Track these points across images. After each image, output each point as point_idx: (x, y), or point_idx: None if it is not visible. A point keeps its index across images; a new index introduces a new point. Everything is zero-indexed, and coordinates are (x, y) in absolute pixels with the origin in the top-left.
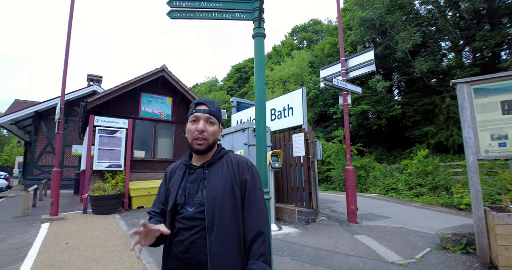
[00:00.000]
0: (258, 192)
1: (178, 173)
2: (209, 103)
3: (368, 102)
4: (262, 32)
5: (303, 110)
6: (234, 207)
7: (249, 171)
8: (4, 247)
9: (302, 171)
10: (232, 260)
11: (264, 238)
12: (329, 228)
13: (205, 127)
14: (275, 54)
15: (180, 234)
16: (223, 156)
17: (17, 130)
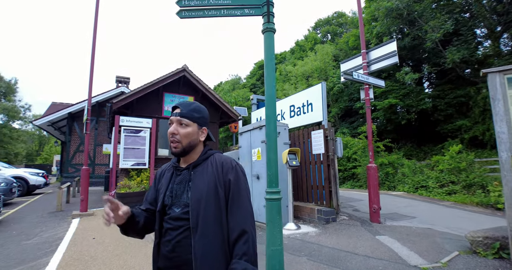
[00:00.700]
0: (242, 192)
1: (167, 175)
2: (183, 106)
3: (396, 96)
4: (271, 27)
5: (322, 106)
6: (217, 207)
7: (233, 171)
8: (38, 240)
9: (322, 169)
10: (216, 259)
11: (247, 237)
12: (349, 228)
13: (176, 130)
14: (298, 49)
15: (168, 234)
16: (208, 157)
17: (53, 131)
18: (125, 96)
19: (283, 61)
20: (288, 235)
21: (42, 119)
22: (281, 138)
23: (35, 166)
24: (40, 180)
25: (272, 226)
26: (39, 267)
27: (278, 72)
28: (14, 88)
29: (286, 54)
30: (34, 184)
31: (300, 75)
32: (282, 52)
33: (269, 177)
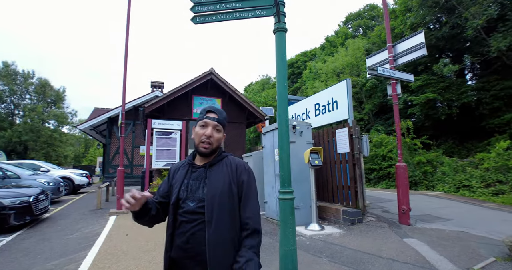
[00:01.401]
0: (253, 192)
1: (182, 171)
2: (218, 112)
3: (433, 90)
4: (282, 27)
5: (348, 104)
6: (231, 204)
7: (246, 173)
8: (78, 235)
9: (347, 169)
10: (227, 250)
11: (258, 236)
12: (376, 230)
13: (212, 134)
14: (328, 46)
15: (182, 226)
16: (223, 158)
17: (95, 134)
18: (156, 101)
19: (313, 59)
20: (311, 235)
21: (85, 124)
22: (303, 137)
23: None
24: (84, 180)
25: (285, 226)
26: (78, 259)
27: (308, 69)
28: (63, 96)
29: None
30: (79, 184)
31: (330, 72)
32: (312, 49)
33: (282, 177)
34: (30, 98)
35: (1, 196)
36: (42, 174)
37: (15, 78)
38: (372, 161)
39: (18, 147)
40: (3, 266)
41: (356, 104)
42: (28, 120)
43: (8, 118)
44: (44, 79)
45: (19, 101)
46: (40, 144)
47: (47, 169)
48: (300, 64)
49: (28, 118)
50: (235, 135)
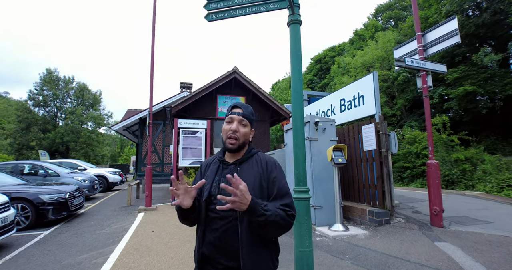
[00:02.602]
0: (285, 187)
1: (212, 167)
2: (244, 107)
3: (473, 82)
4: (297, 19)
5: (375, 98)
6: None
7: (276, 169)
8: (108, 230)
9: (374, 167)
10: (260, 248)
11: (290, 217)
12: (404, 232)
13: (237, 128)
14: (357, 39)
15: (214, 222)
16: (253, 155)
17: (128, 134)
18: (182, 101)
19: (342, 53)
20: (334, 236)
21: (118, 125)
22: (327, 134)
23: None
24: (117, 178)
25: (300, 226)
26: (106, 253)
27: (337, 65)
28: (99, 98)
29: (345, 46)
30: (113, 182)
31: (360, 67)
32: (340, 43)
33: (296, 176)
34: (70, 102)
35: (41, 192)
36: (79, 172)
37: (57, 84)
38: (405, 159)
39: (60, 147)
40: (40, 257)
41: (388, 100)
42: (69, 122)
43: (52, 121)
44: (82, 83)
45: (61, 105)
46: (79, 144)
47: (84, 167)
48: (328, 59)
49: (69, 120)
50: (259, 133)
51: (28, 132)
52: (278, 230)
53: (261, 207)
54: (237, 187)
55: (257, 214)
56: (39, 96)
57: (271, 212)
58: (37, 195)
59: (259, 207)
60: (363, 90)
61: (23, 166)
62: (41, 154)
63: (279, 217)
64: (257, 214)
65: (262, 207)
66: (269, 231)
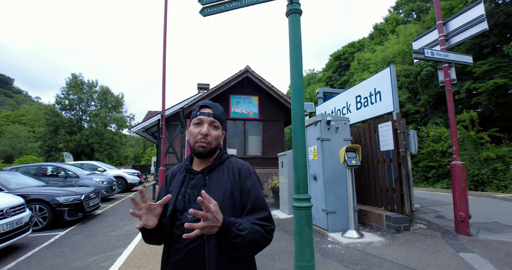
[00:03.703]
0: (261, 198)
1: (179, 177)
2: (214, 107)
3: (504, 75)
4: (296, 8)
5: (392, 94)
6: (234, 214)
7: (251, 177)
8: (120, 232)
9: (392, 168)
10: (232, 269)
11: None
12: (425, 240)
13: (209, 131)
14: (377, 34)
15: (179, 241)
16: (224, 161)
17: (148, 136)
18: (195, 101)
19: (362, 49)
20: (347, 244)
21: (137, 127)
22: (340, 134)
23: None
24: (135, 179)
25: (300, 238)
26: (114, 257)
27: (356, 61)
28: (121, 101)
29: (365, 41)
30: (131, 182)
31: (380, 62)
32: (360, 39)
33: (296, 181)
34: (94, 105)
35: (57, 194)
36: (98, 174)
37: (82, 88)
38: (430, 158)
39: (86, 148)
40: (51, 259)
41: (411, 96)
42: (93, 124)
43: (78, 123)
44: (105, 87)
45: (86, 108)
46: (103, 146)
47: (103, 169)
48: (348, 56)
49: (93, 123)
50: (273, 133)
51: (56, 135)
52: (256, 248)
53: (235, 227)
54: (208, 209)
55: (231, 236)
56: (66, 100)
57: (247, 231)
58: (53, 196)
59: (233, 227)
60: (380, 86)
61: (45, 168)
62: (65, 155)
63: (257, 235)
64: (230, 236)
65: (237, 227)
66: (245, 252)
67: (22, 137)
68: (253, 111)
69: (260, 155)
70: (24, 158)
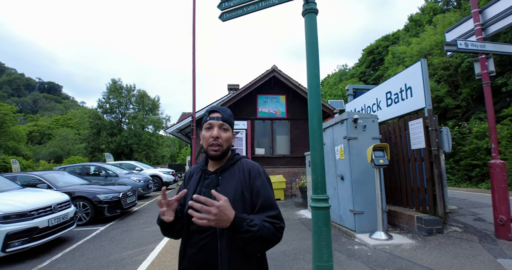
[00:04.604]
0: (271, 197)
1: (195, 177)
2: (222, 111)
3: None
4: (312, 8)
5: (424, 90)
6: (244, 213)
7: (260, 177)
8: (154, 228)
9: (424, 167)
10: (241, 263)
11: (277, 232)
12: (460, 244)
13: (219, 134)
14: (412, 26)
15: (194, 236)
16: (236, 162)
17: (182, 136)
18: (224, 102)
19: (396, 42)
20: (374, 245)
21: (172, 128)
22: (368, 132)
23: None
24: (170, 178)
25: (318, 238)
26: (147, 251)
27: (391, 54)
28: (158, 104)
29: (400, 33)
30: (166, 181)
31: (416, 55)
32: (394, 32)
33: (314, 182)
34: (132, 108)
35: (98, 192)
36: (135, 173)
37: (121, 92)
38: (473, 155)
39: (125, 149)
40: (92, 251)
41: (451, 89)
42: (132, 126)
43: (118, 126)
44: (142, 91)
45: (125, 111)
46: (141, 146)
47: (140, 168)
48: (381, 50)
49: (131, 125)
50: (301, 132)
51: (99, 137)
52: (266, 245)
53: (246, 223)
54: (212, 204)
55: (241, 230)
56: (106, 104)
57: (258, 227)
58: (95, 194)
59: (244, 223)
60: (411, 81)
61: (88, 168)
62: (106, 156)
63: (267, 231)
64: (241, 231)
65: (248, 223)
66: (255, 247)
67: (69, 139)
68: (281, 110)
69: (288, 154)
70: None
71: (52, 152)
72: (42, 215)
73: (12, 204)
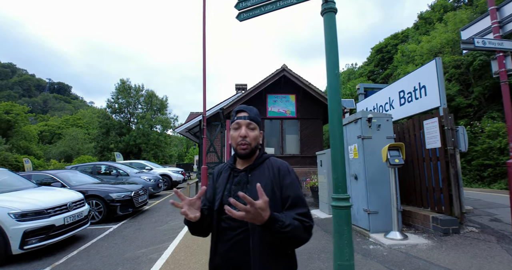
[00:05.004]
0: (301, 195)
1: (224, 175)
2: (249, 110)
3: None
4: (331, 7)
5: (439, 88)
6: (274, 211)
7: (289, 176)
8: (166, 227)
9: (439, 167)
10: (273, 260)
11: (307, 230)
12: (477, 244)
13: (247, 133)
14: (422, 23)
15: (226, 233)
16: (264, 160)
17: (191, 135)
18: (233, 102)
19: (406, 40)
20: (390, 245)
21: (181, 127)
22: (382, 131)
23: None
24: (179, 177)
25: (339, 237)
26: (161, 250)
27: (400, 53)
28: (166, 104)
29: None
30: (176, 180)
31: (426, 53)
32: (403, 30)
33: (335, 181)
34: (141, 108)
35: (111, 191)
36: (146, 172)
37: (129, 92)
38: (486, 155)
39: (134, 149)
40: (107, 249)
41: (462, 88)
42: (140, 126)
43: (126, 125)
44: (150, 91)
45: (133, 111)
46: (150, 146)
47: (150, 167)
48: (390, 48)
49: (140, 124)
50: (311, 131)
51: (108, 136)
52: (296, 244)
53: (279, 225)
54: (252, 204)
55: (273, 231)
56: (115, 104)
57: (289, 228)
58: (107, 192)
59: (276, 225)
60: (425, 80)
61: (100, 167)
62: (116, 155)
63: (298, 230)
64: (273, 231)
65: (280, 225)
66: (286, 246)
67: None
68: (290, 110)
69: (298, 153)
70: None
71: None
72: (58, 213)
73: (29, 202)
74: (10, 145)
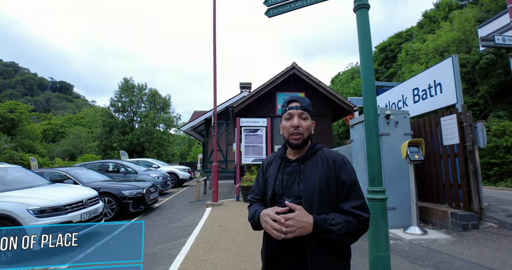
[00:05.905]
0: (358, 186)
1: (274, 165)
2: (301, 100)
3: None
4: (364, 3)
5: (455, 86)
6: (330, 201)
7: (345, 168)
8: (180, 224)
9: (457, 163)
10: (330, 250)
11: (362, 223)
12: (498, 239)
13: (299, 123)
14: (427, 22)
15: None
16: (317, 151)
17: (195, 134)
18: (243, 100)
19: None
20: (410, 240)
21: (186, 126)
22: (399, 128)
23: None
24: (186, 175)
25: (375, 230)
26: (178, 246)
27: (404, 52)
28: (169, 102)
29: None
30: (183, 178)
31: (431, 52)
32: (408, 28)
33: (371, 174)
34: (144, 107)
35: (123, 188)
36: (153, 170)
37: (133, 91)
38: (492, 154)
39: (137, 147)
40: None
41: (468, 87)
42: (143, 125)
43: (129, 124)
44: (154, 89)
45: (136, 110)
46: (153, 145)
47: (157, 165)
48: (394, 47)
49: (143, 123)
50: (321, 129)
51: (111, 135)
52: (351, 239)
53: (327, 223)
54: (287, 218)
55: (325, 231)
56: (119, 103)
57: (341, 226)
58: (120, 190)
59: (325, 224)
60: (440, 78)
61: (108, 164)
62: (121, 153)
63: (351, 226)
64: (324, 232)
65: (329, 223)
66: (343, 243)
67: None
68: None
69: None
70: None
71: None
72: (75, 210)
73: (46, 198)
74: (15, 143)
